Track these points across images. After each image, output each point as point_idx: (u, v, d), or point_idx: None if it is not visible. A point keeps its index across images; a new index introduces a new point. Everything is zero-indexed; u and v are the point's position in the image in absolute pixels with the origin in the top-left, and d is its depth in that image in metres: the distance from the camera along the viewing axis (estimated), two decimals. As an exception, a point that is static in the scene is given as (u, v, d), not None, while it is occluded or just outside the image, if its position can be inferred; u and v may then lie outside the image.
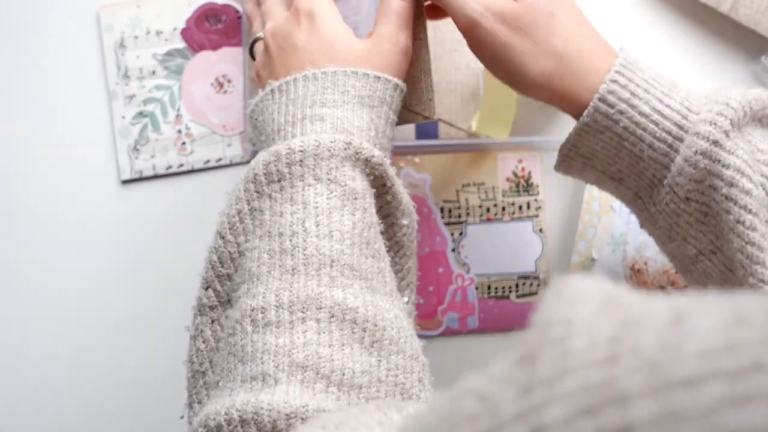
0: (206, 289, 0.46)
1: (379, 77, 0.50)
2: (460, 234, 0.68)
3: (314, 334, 0.42)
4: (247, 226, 0.46)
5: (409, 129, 0.69)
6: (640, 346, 0.21)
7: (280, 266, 0.44)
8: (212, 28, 0.72)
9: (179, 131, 0.71)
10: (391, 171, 0.49)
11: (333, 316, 0.42)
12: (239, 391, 0.41)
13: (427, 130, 0.69)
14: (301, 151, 0.46)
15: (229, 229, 0.47)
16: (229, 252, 0.46)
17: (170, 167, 0.71)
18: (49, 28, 0.71)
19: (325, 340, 0.42)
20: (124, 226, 0.71)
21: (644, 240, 0.67)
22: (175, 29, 0.71)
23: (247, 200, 0.47)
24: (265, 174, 0.46)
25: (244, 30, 0.70)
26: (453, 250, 0.68)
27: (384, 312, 0.44)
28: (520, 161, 0.69)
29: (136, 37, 0.71)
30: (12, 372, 0.70)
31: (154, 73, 0.71)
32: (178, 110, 0.71)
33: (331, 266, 0.43)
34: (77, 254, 0.71)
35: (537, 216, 0.69)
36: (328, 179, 0.46)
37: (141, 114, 0.71)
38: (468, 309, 0.68)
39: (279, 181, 0.46)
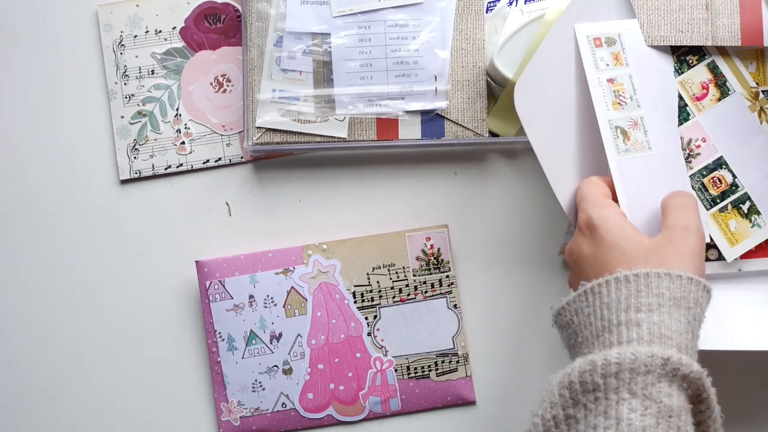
0: None
1: (691, 279, 0.51)
2: (375, 317, 0.69)
3: None
4: None
5: (415, 127, 0.68)
6: None
7: None
8: (211, 28, 0.71)
9: (178, 131, 0.71)
10: (708, 382, 0.49)
11: None
12: None
13: (433, 130, 0.68)
14: (617, 364, 0.46)
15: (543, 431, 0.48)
16: None
17: (169, 167, 0.70)
18: (47, 27, 0.71)
19: None
20: (123, 226, 0.70)
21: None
22: (174, 28, 0.71)
23: (563, 406, 0.47)
24: (580, 383, 0.47)
25: (243, 29, 0.69)
26: (369, 334, 0.69)
27: None
28: (428, 239, 0.69)
29: (135, 37, 0.71)
30: (8, 372, 0.70)
31: (153, 72, 0.71)
32: (177, 110, 0.71)
33: None
34: (76, 254, 0.71)
35: (450, 292, 0.69)
36: (644, 395, 0.46)
37: (140, 113, 0.71)
38: (389, 391, 0.69)
39: (594, 391, 0.47)
